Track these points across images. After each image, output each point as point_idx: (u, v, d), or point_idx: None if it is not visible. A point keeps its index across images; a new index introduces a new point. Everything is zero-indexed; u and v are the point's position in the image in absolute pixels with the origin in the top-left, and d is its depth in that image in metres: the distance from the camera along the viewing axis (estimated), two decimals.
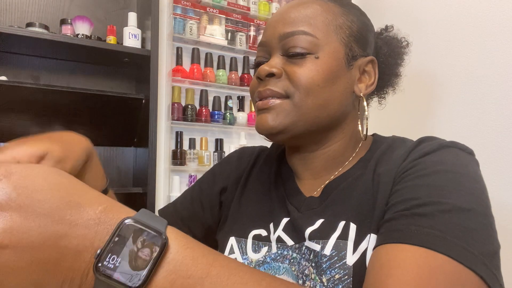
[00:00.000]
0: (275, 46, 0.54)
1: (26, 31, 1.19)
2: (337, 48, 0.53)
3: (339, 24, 0.54)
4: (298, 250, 0.52)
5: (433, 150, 0.47)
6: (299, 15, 0.53)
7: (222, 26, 1.69)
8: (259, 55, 0.58)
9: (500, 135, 1.27)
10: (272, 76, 0.53)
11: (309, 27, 0.52)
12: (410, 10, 1.66)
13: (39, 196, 0.28)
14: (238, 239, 0.58)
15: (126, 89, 1.58)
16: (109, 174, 1.64)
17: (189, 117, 1.59)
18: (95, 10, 1.53)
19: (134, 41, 1.39)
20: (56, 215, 0.28)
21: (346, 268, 0.45)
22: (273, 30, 0.55)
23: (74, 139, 0.44)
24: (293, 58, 0.52)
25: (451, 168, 0.44)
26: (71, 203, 0.28)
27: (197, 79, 1.61)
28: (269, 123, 0.52)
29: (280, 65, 0.53)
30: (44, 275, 0.27)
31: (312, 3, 0.55)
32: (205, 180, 0.70)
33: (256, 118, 0.55)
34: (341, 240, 0.47)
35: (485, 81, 1.32)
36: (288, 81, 0.52)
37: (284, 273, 0.51)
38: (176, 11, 1.60)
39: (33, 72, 1.41)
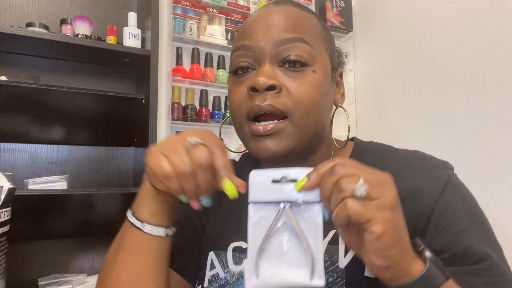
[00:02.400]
0: (268, 53, 0.49)
1: (26, 31, 1.19)
2: (326, 60, 0.52)
3: (323, 35, 0.52)
4: None
5: (447, 180, 0.50)
6: (293, 21, 0.49)
7: (222, 26, 1.69)
8: (242, 60, 0.51)
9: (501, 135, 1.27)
10: (273, 89, 0.47)
11: (306, 36, 0.49)
12: (410, 10, 1.66)
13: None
14: (217, 252, 0.56)
15: (126, 89, 1.58)
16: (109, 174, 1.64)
17: (189, 117, 1.59)
18: (95, 10, 1.53)
19: (134, 41, 1.39)
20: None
21: (339, 271, 0.46)
22: (264, 34, 0.49)
23: None
24: (291, 68, 0.48)
25: (473, 209, 0.50)
26: None
27: (197, 79, 1.61)
28: (273, 149, 0.48)
29: (278, 77, 0.48)
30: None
31: (298, 10, 0.51)
32: (187, 204, 0.67)
33: (254, 143, 0.50)
34: (332, 245, 0.48)
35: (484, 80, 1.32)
36: (288, 97, 0.48)
37: None
38: (176, 11, 1.60)
39: (33, 72, 1.41)
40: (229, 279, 0.53)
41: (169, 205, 0.48)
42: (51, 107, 1.26)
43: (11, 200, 0.60)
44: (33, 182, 1.21)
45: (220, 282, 0.53)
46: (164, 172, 0.40)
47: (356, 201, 0.34)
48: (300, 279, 0.38)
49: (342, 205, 0.35)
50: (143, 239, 0.48)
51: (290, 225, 0.39)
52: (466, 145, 1.36)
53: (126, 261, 0.49)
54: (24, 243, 1.34)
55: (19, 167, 1.39)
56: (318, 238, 0.38)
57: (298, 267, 0.39)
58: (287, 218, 0.39)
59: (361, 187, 0.35)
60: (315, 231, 0.39)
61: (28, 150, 1.41)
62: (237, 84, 0.52)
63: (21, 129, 1.35)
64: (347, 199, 0.34)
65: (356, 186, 0.34)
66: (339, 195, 0.35)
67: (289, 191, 0.39)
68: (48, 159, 1.44)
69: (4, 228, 0.57)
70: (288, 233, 0.40)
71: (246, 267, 0.40)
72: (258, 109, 0.48)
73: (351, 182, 0.35)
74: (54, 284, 1.24)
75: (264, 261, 0.39)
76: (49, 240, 1.39)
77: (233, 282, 0.52)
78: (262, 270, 0.39)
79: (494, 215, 0.51)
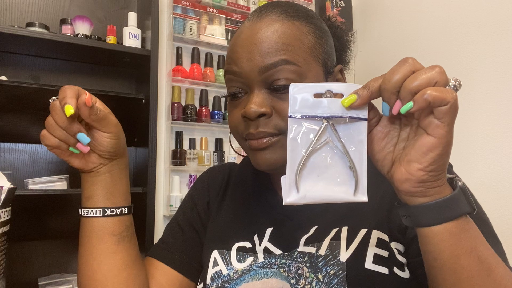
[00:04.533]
0: (255, 79, 0.50)
1: (26, 31, 1.19)
2: (317, 71, 0.52)
3: (312, 45, 0.52)
4: (288, 257, 0.53)
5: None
6: (275, 43, 0.49)
7: (222, 26, 1.69)
8: (234, 86, 0.53)
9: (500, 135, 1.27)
10: (262, 116, 0.50)
11: (289, 55, 0.49)
12: (410, 10, 1.66)
13: None
14: (221, 251, 0.58)
15: (126, 89, 1.58)
16: None
17: (189, 117, 1.59)
18: (95, 10, 1.53)
19: (134, 41, 1.39)
20: None
21: (340, 264, 0.48)
22: (248, 61, 0.50)
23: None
24: (279, 92, 0.49)
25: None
26: None
27: (197, 79, 1.61)
28: (269, 160, 0.51)
29: (267, 102, 0.50)
30: None
31: (280, 25, 0.51)
32: (186, 206, 0.68)
33: (252, 156, 0.53)
34: (334, 241, 0.50)
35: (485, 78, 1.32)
36: (279, 119, 0.50)
37: (272, 276, 0.52)
38: (176, 11, 1.60)
39: (33, 72, 1.41)
40: (232, 275, 0.54)
41: (97, 186, 0.53)
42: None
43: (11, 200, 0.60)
44: (33, 182, 1.21)
45: (223, 279, 0.54)
46: (42, 137, 0.48)
47: (436, 88, 0.33)
48: (342, 195, 0.38)
49: (423, 91, 0.33)
50: (88, 225, 0.53)
51: (332, 142, 0.39)
52: (469, 145, 1.36)
53: (84, 254, 0.54)
54: (24, 243, 1.34)
55: (19, 167, 1.39)
56: (363, 155, 0.38)
57: (340, 183, 0.38)
58: (330, 134, 0.39)
59: (455, 81, 0.35)
60: (360, 148, 0.38)
61: (28, 150, 1.41)
62: (232, 107, 0.55)
63: (21, 129, 1.35)
64: (428, 88, 0.33)
65: (450, 79, 0.35)
66: (418, 83, 0.34)
67: (334, 106, 0.38)
68: (48, 159, 1.44)
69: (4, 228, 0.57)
70: (329, 150, 0.39)
71: (284, 183, 0.39)
72: (252, 136, 0.51)
73: (429, 73, 0.34)
74: (54, 284, 1.24)
75: (304, 177, 0.38)
76: (49, 240, 1.39)
77: (236, 278, 0.53)
78: (302, 186, 0.38)
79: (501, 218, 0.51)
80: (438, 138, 0.34)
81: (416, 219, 0.38)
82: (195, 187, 0.69)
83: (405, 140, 0.39)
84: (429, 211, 0.37)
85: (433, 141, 0.35)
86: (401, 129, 0.39)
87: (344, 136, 0.38)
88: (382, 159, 0.40)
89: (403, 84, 0.35)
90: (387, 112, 0.38)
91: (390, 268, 0.47)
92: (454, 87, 0.34)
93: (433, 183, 0.36)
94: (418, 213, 0.38)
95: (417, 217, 0.38)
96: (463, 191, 0.38)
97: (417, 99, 0.33)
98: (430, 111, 0.34)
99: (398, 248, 0.49)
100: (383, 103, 0.38)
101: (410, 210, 0.38)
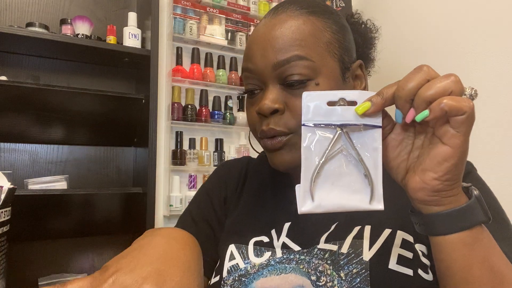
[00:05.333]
0: (269, 76, 0.51)
1: (26, 31, 1.19)
2: (333, 67, 0.52)
3: (327, 40, 0.52)
4: (307, 253, 0.52)
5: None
6: (288, 39, 0.50)
7: (222, 26, 1.69)
8: (250, 83, 0.54)
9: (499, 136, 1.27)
10: (276, 112, 0.51)
11: (302, 51, 0.49)
12: (410, 10, 1.66)
13: None
14: (238, 246, 0.57)
15: (126, 89, 1.58)
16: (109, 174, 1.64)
17: (189, 117, 1.59)
18: (95, 10, 1.53)
19: (134, 41, 1.39)
20: None
21: (363, 263, 0.47)
22: (262, 58, 0.51)
23: (175, 256, 0.39)
24: (293, 87, 0.50)
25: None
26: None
27: (197, 79, 1.61)
28: (286, 160, 0.51)
29: (281, 98, 0.51)
30: None
31: (294, 21, 0.51)
32: (201, 200, 0.67)
33: (269, 156, 0.54)
34: (357, 240, 0.49)
35: (485, 78, 1.32)
36: (291, 117, 0.50)
37: (291, 271, 0.51)
38: (176, 11, 1.60)
39: (33, 72, 1.41)
40: (249, 270, 0.53)
41: None
42: (51, 107, 1.26)
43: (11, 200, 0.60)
44: (33, 182, 1.21)
45: (240, 272, 0.54)
46: None
47: (453, 98, 0.33)
48: (358, 203, 0.38)
49: (439, 100, 0.33)
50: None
51: (347, 150, 0.38)
52: None
53: None
54: (24, 243, 1.34)
55: (19, 167, 1.39)
56: (378, 162, 0.38)
57: (355, 192, 0.38)
58: (344, 142, 0.39)
59: (471, 90, 0.34)
60: (375, 156, 0.38)
61: (28, 150, 1.41)
62: (249, 105, 0.56)
63: (21, 129, 1.35)
64: (444, 97, 0.33)
65: (466, 88, 0.34)
66: (434, 92, 0.34)
67: (347, 114, 0.38)
68: (48, 159, 1.44)
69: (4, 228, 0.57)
70: (344, 158, 0.39)
71: (299, 192, 0.38)
72: (264, 134, 0.52)
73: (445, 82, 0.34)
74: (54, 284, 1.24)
75: (319, 186, 0.38)
76: (49, 240, 1.39)
77: (254, 273, 0.53)
78: (317, 195, 0.38)
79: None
80: (453, 148, 0.34)
81: (430, 228, 0.38)
82: (211, 182, 0.68)
83: (419, 148, 0.38)
84: (443, 220, 0.37)
85: (449, 151, 0.35)
86: (415, 137, 0.39)
87: (358, 143, 0.38)
88: (396, 166, 0.40)
89: (418, 92, 0.34)
90: (400, 119, 0.37)
91: (415, 270, 0.46)
92: (470, 96, 0.34)
93: (448, 192, 0.36)
94: (432, 222, 0.38)
95: (430, 225, 0.38)
96: (478, 200, 0.37)
97: (433, 108, 0.33)
98: (445, 120, 0.34)
99: (422, 250, 0.48)
100: (396, 110, 0.37)
101: (424, 219, 0.38)
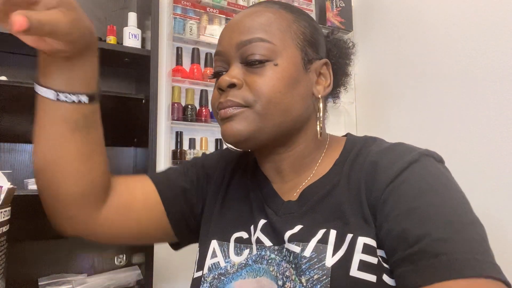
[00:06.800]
0: (233, 55, 0.55)
1: None
2: (294, 53, 0.54)
3: (293, 30, 0.55)
4: (278, 252, 0.53)
5: (413, 161, 0.48)
6: (254, 23, 0.54)
7: (222, 26, 1.69)
8: (217, 65, 0.58)
9: (499, 135, 1.27)
10: (233, 86, 0.53)
11: (265, 34, 0.53)
12: (410, 9, 1.66)
13: None
14: (220, 243, 0.59)
15: (126, 89, 1.58)
16: None
17: (189, 117, 1.59)
18: (95, 10, 1.53)
19: (134, 41, 1.39)
20: None
21: (325, 269, 0.46)
22: (229, 40, 0.55)
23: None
24: (253, 66, 0.53)
25: (439, 188, 0.45)
26: None
27: (197, 79, 1.61)
28: (234, 130, 0.52)
29: (240, 75, 0.53)
30: None
31: (265, 11, 0.55)
32: (198, 163, 0.70)
33: (221, 128, 0.55)
34: (321, 244, 0.49)
35: (484, 80, 1.32)
36: (249, 91, 0.52)
37: (264, 274, 0.52)
38: (176, 11, 1.60)
39: (33, 72, 1.40)
40: (229, 269, 0.55)
41: (53, 66, 0.47)
42: None
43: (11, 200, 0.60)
44: (33, 182, 1.21)
45: (220, 271, 0.56)
46: None
47: None
48: None
49: None
50: (42, 103, 0.48)
51: None
52: (468, 145, 1.36)
53: (37, 134, 0.50)
54: (24, 243, 1.34)
55: (19, 167, 1.39)
56: None
57: None
58: None
59: None
60: None
61: (28, 150, 1.41)
62: (215, 86, 0.58)
63: (21, 129, 1.35)
64: None
65: None
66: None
67: None
68: None
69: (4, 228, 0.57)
70: None
71: None
72: (221, 105, 0.54)
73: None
74: (54, 284, 1.24)
75: None
76: (49, 240, 1.39)
77: (233, 273, 0.55)
78: None
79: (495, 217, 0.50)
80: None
81: None
82: (207, 159, 0.70)
83: None
84: None
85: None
86: None
87: None
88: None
89: None
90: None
91: (379, 276, 0.45)
92: None
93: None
94: None
95: None
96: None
97: None
98: None
99: (381, 254, 0.47)
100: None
101: None
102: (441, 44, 1.49)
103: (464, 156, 1.36)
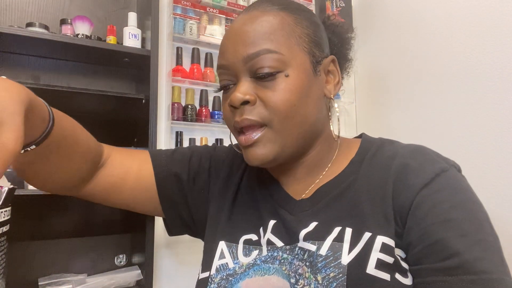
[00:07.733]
0: (241, 69, 0.52)
1: (26, 31, 1.19)
2: (303, 59, 0.53)
3: (297, 34, 0.53)
4: (289, 251, 0.53)
5: (444, 169, 0.50)
6: (258, 33, 0.51)
7: (222, 26, 1.69)
8: (224, 79, 0.56)
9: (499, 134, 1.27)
10: (247, 103, 0.52)
11: (271, 44, 0.51)
12: (410, 10, 1.66)
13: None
14: (228, 244, 0.59)
15: (126, 89, 1.58)
16: None
17: (189, 117, 1.59)
18: (95, 10, 1.53)
19: (134, 41, 1.39)
20: None
21: (341, 267, 0.47)
22: (234, 52, 0.53)
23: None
24: (263, 80, 0.51)
25: (468, 203, 0.48)
26: None
27: (197, 79, 1.61)
28: (260, 156, 0.52)
29: (251, 90, 0.52)
30: None
31: (266, 16, 0.53)
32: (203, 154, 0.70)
33: (244, 152, 0.54)
34: (337, 242, 0.49)
35: (485, 80, 1.32)
36: (263, 107, 0.51)
37: (274, 273, 0.52)
38: (176, 11, 1.60)
39: (33, 72, 1.41)
40: (237, 270, 0.55)
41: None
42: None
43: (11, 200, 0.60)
44: None
45: (228, 272, 0.55)
46: None
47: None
48: None
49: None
50: None
51: None
52: (468, 145, 1.36)
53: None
54: (24, 243, 1.34)
55: None
56: None
57: None
58: None
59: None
60: None
61: None
62: (224, 100, 0.57)
63: None
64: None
65: None
66: None
67: None
68: None
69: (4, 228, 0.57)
70: None
71: None
72: (238, 124, 0.53)
73: None
74: (54, 284, 1.24)
75: None
76: (49, 240, 1.38)
77: (241, 273, 0.54)
78: None
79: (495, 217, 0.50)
80: None
81: None
82: (218, 153, 0.71)
83: None
84: None
85: None
86: None
87: None
88: None
89: None
90: None
91: (392, 275, 0.46)
92: None
93: None
94: None
95: None
96: None
97: None
98: None
99: (400, 254, 0.48)
100: None
101: None
102: (441, 44, 1.49)
103: (464, 156, 1.36)
